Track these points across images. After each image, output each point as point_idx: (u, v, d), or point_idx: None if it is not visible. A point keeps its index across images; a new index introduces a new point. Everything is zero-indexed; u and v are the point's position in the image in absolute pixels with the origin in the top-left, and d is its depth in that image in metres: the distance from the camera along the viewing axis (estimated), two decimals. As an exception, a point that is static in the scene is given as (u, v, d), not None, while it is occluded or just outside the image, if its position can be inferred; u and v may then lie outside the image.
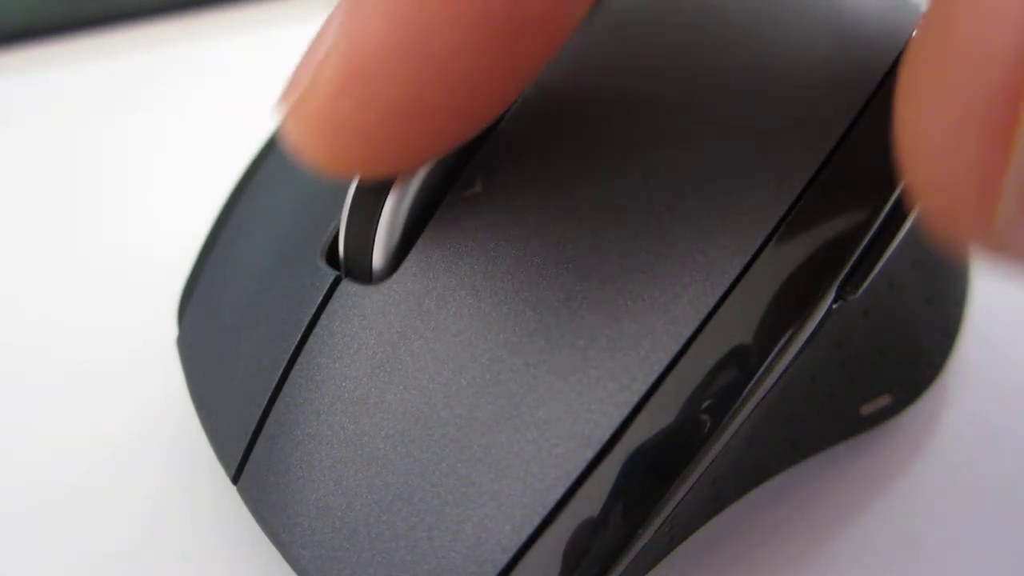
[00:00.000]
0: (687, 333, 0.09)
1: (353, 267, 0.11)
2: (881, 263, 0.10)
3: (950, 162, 0.06)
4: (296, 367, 0.11)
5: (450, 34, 0.08)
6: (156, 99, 0.24)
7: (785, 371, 0.10)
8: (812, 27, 0.11)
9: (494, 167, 0.11)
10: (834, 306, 0.10)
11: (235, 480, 0.11)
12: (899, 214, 0.10)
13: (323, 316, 0.11)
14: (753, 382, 0.09)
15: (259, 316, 0.12)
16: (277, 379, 0.11)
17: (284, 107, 0.09)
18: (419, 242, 0.11)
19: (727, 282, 0.09)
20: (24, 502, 0.13)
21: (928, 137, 0.06)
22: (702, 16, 0.11)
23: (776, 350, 0.09)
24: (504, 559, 0.09)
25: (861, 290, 0.10)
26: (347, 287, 0.11)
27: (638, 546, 0.09)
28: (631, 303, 0.09)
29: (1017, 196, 0.06)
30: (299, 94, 0.09)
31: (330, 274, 0.11)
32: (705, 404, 0.09)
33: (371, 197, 0.11)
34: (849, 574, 0.12)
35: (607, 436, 0.09)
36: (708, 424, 0.09)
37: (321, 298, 0.11)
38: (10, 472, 0.14)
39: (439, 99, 0.08)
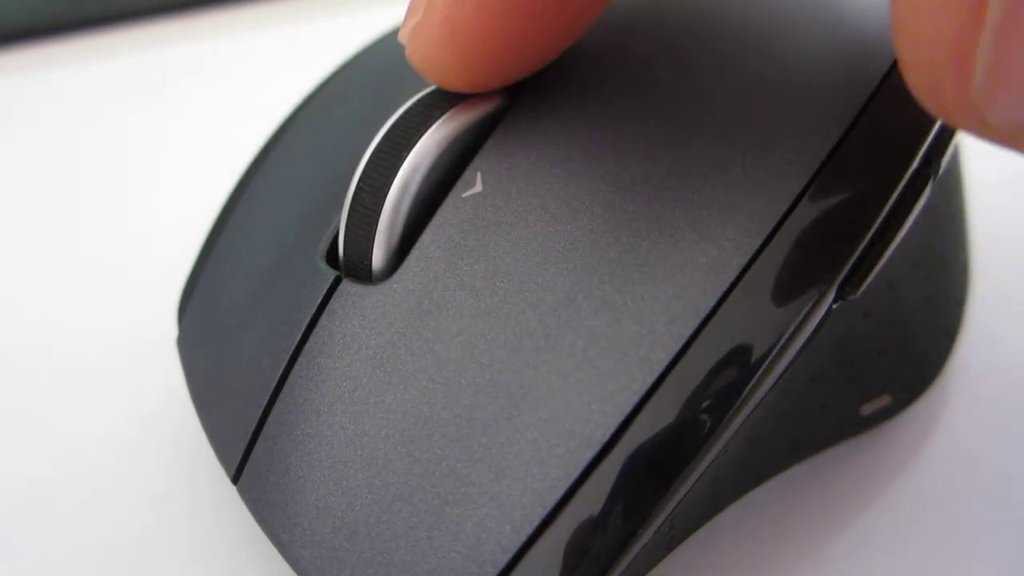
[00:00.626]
0: (687, 333, 0.09)
1: (353, 267, 0.11)
2: (881, 263, 0.10)
3: (930, 39, 0.07)
4: (296, 367, 0.11)
5: None
6: (156, 99, 0.24)
7: (785, 371, 0.10)
8: (812, 28, 0.11)
9: (494, 167, 0.11)
10: (834, 306, 0.10)
11: (235, 480, 0.11)
12: (899, 214, 0.10)
13: (323, 316, 0.11)
14: (753, 382, 0.09)
15: (259, 316, 0.12)
16: (277, 379, 0.11)
17: (407, 32, 0.10)
18: (419, 242, 0.11)
19: (727, 282, 0.09)
20: (24, 501, 0.13)
21: (912, 16, 0.07)
22: (703, 17, 0.11)
23: (776, 350, 0.09)
24: (504, 559, 0.09)
25: (861, 290, 0.10)
26: (347, 287, 0.11)
27: (638, 546, 0.09)
28: (631, 303, 0.09)
29: (988, 67, 0.06)
30: (418, 15, 0.10)
31: (330, 274, 0.11)
32: (705, 404, 0.09)
33: (371, 197, 0.11)
34: (849, 574, 0.12)
35: (607, 436, 0.09)
36: (708, 424, 0.09)
37: (321, 298, 0.11)
38: (10, 472, 0.14)
39: None
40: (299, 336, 0.11)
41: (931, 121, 0.10)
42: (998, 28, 0.06)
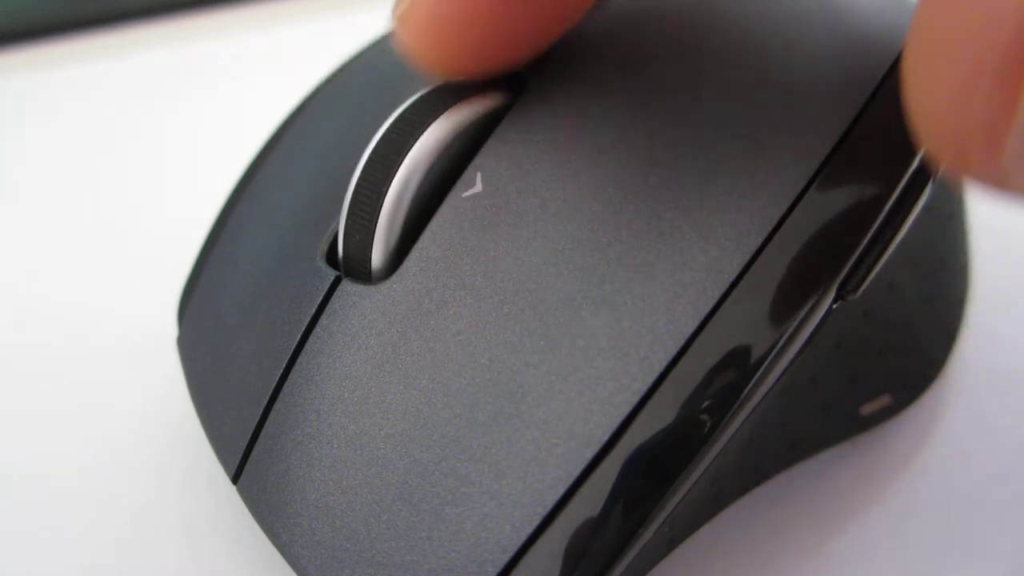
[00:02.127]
0: (687, 333, 0.09)
1: (353, 267, 0.11)
2: (881, 263, 0.10)
3: (960, 112, 0.06)
4: (296, 367, 0.11)
5: None
6: (156, 99, 0.24)
7: (785, 371, 0.10)
8: (813, 27, 0.11)
9: (494, 167, 0.11)
10: (834, 306, 0.10)
11: (235, 480, 0.11)
12: (899, 214, 0.10)
13: (323, 316, 0.11)
14: (753, 382, 0.09)
15: (259, 316, 0.12)
16: (277, 379, 0.11)
17: (396, 17, 0.10)
18: (419, 242, 0.11)
19: (727, 282, 0.09)
20: (23, 501, 0.13)
21: (938, 91, 0.07)
22: (703, 16, 0.11)
23: (776, 350, 0.09)
24: (504, 559, 0.09)
25: (861, 290, 0.10)
26: (347, 287, 0.11)
27: (638, 546, 0.09)
28: (631, 303, 0.09)
29: (1021, 140, 0.06)
30: (406, 2, 0.10)
31: (330, 274, 0.11)
32: (705, 404, 0.09)
33: (371, 197, 0.11)
34: (849, 574, 0.12)
35: (607, 436, 0.09)
36: (708, 424, 0.09)
37: (321, 298, 0.11)
38: (9, 472, 0.14)
39: None
40: (299, 336, 0.11)
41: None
42: None
